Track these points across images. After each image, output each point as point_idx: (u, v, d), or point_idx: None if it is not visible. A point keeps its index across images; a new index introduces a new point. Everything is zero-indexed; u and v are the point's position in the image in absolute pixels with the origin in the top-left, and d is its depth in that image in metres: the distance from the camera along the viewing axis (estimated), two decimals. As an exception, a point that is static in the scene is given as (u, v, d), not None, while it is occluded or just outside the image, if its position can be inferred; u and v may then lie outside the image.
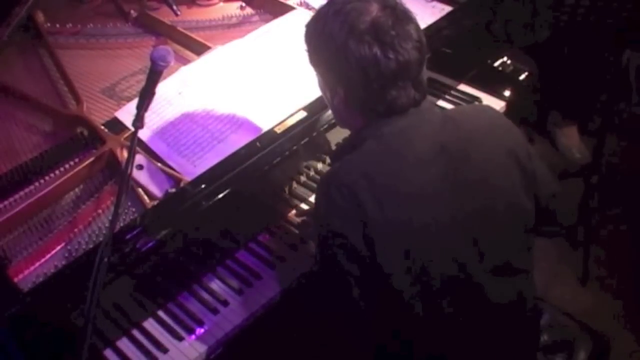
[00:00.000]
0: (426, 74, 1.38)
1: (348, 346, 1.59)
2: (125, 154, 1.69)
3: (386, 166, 1.33)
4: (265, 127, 1.73)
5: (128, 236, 1.50)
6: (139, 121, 1.41)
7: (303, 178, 1.84)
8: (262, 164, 1.67)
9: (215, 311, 1.61)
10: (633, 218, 2.72)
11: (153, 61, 1.39)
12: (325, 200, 1.35)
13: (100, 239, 1.57)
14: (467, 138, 1.37)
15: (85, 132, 1.78)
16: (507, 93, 2.18)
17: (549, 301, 1.82)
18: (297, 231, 1.77)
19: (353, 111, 1.40)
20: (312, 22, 1.42)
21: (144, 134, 1.70)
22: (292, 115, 1.76)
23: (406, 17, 1.34)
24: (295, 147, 1.72)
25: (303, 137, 1.74)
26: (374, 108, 1.35)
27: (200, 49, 1.99)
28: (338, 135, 1.87)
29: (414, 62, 1.32)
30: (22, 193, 1.64)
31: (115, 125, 1.77)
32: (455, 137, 1.36)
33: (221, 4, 2.26)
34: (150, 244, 1.51)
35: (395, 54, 1.29)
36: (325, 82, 1.44)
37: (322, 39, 1.37)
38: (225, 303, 1.62)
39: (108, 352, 1.54)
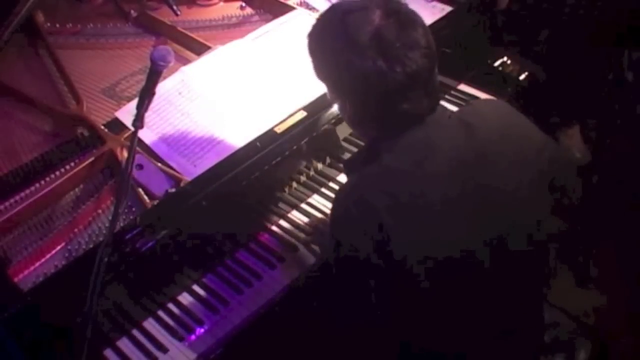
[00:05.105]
0: (437, 77, 1.31)
1: (347, 346, 1.59)
2: (125, 154, 1.69)
3: (404, 182, 1.28)
4: (265, 127, 1.73)
5: (128, 236, 1.50)
6: (139, 121, 1.40)
7: (303, 178, 1.84)
8: (262, 164, 1.67)
9: (215, 311, 1.61)
10: (633, 218, 2.72)
11: (153, 61, 1.39)
12: (343, 215, 1.31)
13: (100, 239, 1.58)
14: (483, 145, 1.32)
15: (85, 132, 1.78)
16: (507, 93, 2.18)
17: (549, 301, 1.82)
18: (298, 232, 1.76)
19: (366, 123, 1.36)
20: (313, 33, 1.35)
21: (144, 134, 1.70)
22: (292, 115, 1.76)
23: (412, 23, 1.25)
24: (295, 147, 1.72)
25: (303, 137, 1.74)
26: (386, 122, 1.30)
27: (200, 49, 1.99)
28: (339, 135, 1.87)
29: (424, 70, 1.24)
30: (22, 193, 1.64)
31: (115, 125, 1.77)
32: (471, 145, 1.31)
33: (221, 4, 2.26)
34: (150, 244, 1.51)
35: (402, 67, 1.21)
36: (333, 95, 1.39)
37: (324, 53, 1.31)
38: (225, 303, 1.62)
39: (108, 352, 1.54)
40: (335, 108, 1.78)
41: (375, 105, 1.28)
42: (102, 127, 1.77)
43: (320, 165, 1.87)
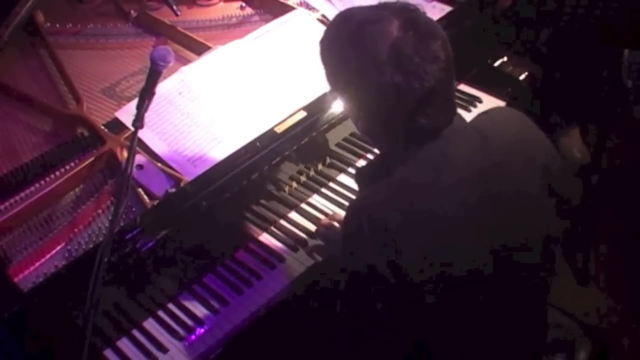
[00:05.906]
0: (455, 87, 1.28)
1: (347, 347, 1.58)
2: (125, 154, 1.69)
3: (419, 195, 1.24)
4: (265, 127, 1.73)
5: (128, 236, 1.50)
6: (139, 121, 1.40)
7: (303, 178, 1.84)
8: (262, 164, 1.67)
9: (215, 311, 1.61)
10: (633, 218, 2.72)
11: (153, 61, 1.39)
12: (356, 230, 1.27)
13: (100, 239, 1.58)
14: (498, 154, 1.29)
15: (85, 132, 1.78)
16: (507, 93, 2.18)
17: (549, 301, 1.82)
18: (298, 232, 1.77)
19: (380, 136, 1.33)
20: (326, 42, 1.30)
21: (144, 134, 1.69)
22: (292, 115, 1.76)
23: (431, 35, 1.21)
24: (295, 147, 1.72)
25: (303, 137, 1.74)
26: (402, 136, 1.26)
27: (200, 49, 1.99)
28: (338, 135, 1.87)
29: (442, 84, 1.20)
30: (22, 193, 1.64)
31: (115, 125, 1.77)
32: (487, 154, 1.28)
33: (221, 4, 2.26)
34: (150, 244, 1.51)
35: (420, 82, 1.18)
36: (346, 105, 1.35)
37: (339, 64, 1.27)
38: (225, 303, 1.62)
39: (108, 352, 1.54)
40: (335, 108, 1.79)
41: (391, 120, 1.25)
42: (102, 127, 1.77)
43: (320, 165, 1.87)
